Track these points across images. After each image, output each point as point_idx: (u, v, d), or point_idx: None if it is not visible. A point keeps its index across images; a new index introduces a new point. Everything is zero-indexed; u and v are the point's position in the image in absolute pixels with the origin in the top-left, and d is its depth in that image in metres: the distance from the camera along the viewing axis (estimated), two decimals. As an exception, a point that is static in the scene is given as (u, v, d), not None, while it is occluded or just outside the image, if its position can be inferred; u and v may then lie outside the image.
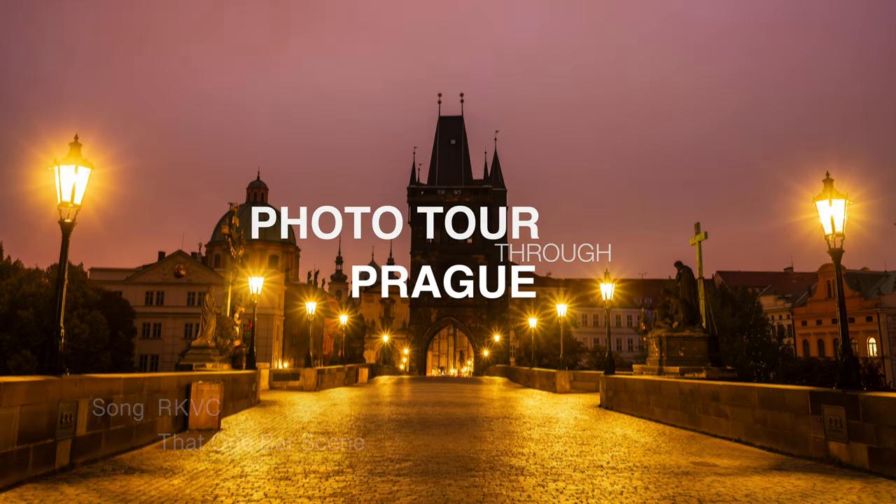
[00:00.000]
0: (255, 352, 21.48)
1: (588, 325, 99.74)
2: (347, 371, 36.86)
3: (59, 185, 8.86)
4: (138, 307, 65.32)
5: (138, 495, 7.08)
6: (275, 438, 11.90)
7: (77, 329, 51.10)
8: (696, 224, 20.12)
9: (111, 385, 9.59)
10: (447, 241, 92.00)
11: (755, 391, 11.67)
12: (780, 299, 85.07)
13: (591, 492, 7.63)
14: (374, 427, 14.19)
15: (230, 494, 7.23)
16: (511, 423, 15.39)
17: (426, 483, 8.02)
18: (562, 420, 16.25)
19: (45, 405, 7.81)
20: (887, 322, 66.13)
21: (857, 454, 8.92)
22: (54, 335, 8.54)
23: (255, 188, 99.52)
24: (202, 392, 12.56)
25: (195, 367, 18.50)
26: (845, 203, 10.09)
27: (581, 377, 28.81)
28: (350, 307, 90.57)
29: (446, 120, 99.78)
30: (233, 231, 23.08)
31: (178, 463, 9.09)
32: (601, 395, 20.62)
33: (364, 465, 9.20)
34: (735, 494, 7.54)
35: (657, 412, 15.84)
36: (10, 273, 55.28)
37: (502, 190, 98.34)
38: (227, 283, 23.10)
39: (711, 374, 17.31)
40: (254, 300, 22.37)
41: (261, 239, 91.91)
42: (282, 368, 45.64)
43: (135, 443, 10.18)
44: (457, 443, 11.71)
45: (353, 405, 20.47)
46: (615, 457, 10.26)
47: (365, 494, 7.35)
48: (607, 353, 22.42)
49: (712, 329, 19.59)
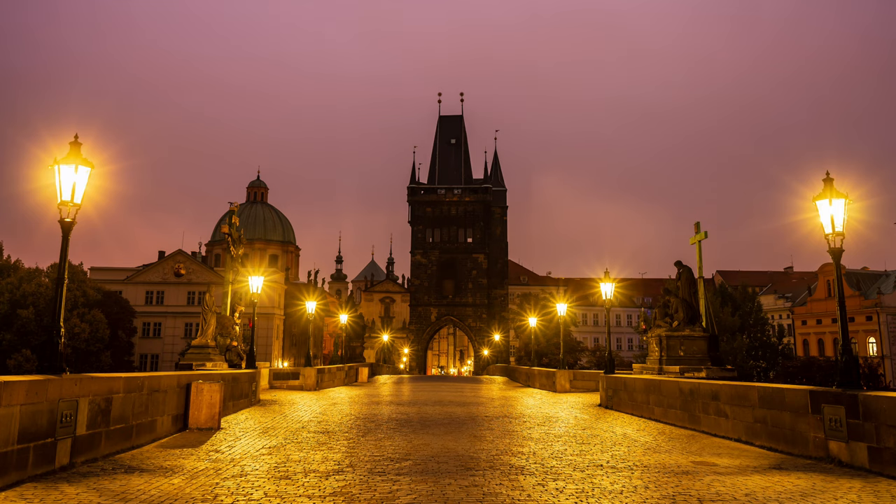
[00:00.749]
0: (255, 351, 21.48)
1: (588, 324, 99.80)
2: (347, 370, 36.85)
3: (59, 185, 8.85)
4: (138, 306, 65.32)
5: (138, 494, 7.08)
6: (275, 438, 11.90)
7: (77, 328, 51.12)
8: (696, 223, 20.15)
9: (111, 384, 9.59)
10: (447, 240, 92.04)
11: (755, 390, 11.66)
12: (780, 299, 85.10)
13: (591, 491, 7.63)
14: (374, 426, 14.19)
15: (230, 494, 7.23)
16: (511, 423, 15.39)
17: (426, 482, 8.02)
18: (562, 419, 16.25)
19: (46, 404, 7.81)
20: (887, 321, 66.12)
21: (856, 453, 8.92)
22: (54, 334, 8.53)
23: (255, 187, 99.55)
24: (202, 391, 12.56)
25: (195, 366, 18.51)
26: (845, 202, 10.08)
27: (581, 376, 28.80)
28: (350, 306, 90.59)
29: (446, 119, 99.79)
30: (233, 230, 23.08)
31: (178, 462, 9.09)
32: (601, 395, 20.62)
33: (364, 465, 9.20)
34: (735, 494, 7.54)
35: (657, 411, 15.84)
36: (10, 272, 55.29)
37: (502, 189, 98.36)
38: (227, 282, 23.11)
39: (711, 374, 17.32)
40: (254, 299, 22.37)
41: (261, 238, 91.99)
42: (282, 368, 45.64)
43: (135, 442, 10.18)
44: (457, 442, 11.70)
45: (353, 404, 20.47)
46: (615, 456, 10.27)
47: (365, 494, 7.35)
48: (607, 353, 22.42)
49: (712, 328, 19.60)
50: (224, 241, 30.07)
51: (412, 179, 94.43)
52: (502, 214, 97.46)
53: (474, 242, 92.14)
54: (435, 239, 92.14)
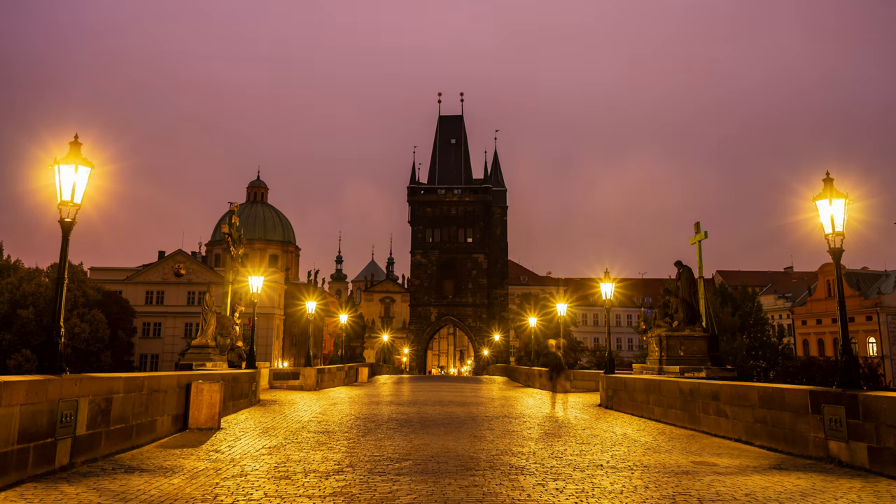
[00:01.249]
0: (255, 351, 21.48)
1: (588, 324, 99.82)
2: (347, 370, 36.84)
3: (59, 185, 8.85)
4: (138, 306, 65.33)
5: (138, 494, 7.07)
6: (275, 438, 11.90)
7: (77, 328, 51.14)
8: (696, 223, 20.15)
9: (111, 384, 9.59)
10: (447, 240, 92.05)
11: (755, 390, 11.66)
12: (780, 298, 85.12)
13: (591, 491, 7.62)
14: (374, 426, 14.19)
15: (230, 493, 7.23)
16: (511, 423, 15.39)
17: (426, 482, 8.01)
18: (562, 419, 16.25)
19: (46, 404, 7.80)
20: (887, 321, 66.13)
21: (856, 453, 8.92)
22: (54, 334, 8.53)
23: (255, 187, 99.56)
24: (202, 391, 12.56)
25: (195, 366, 18.52)
26: (845, 202, 10.07)
27: (581, 376, 28.80)
28: (350, 306, 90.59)
29: (446, 119, 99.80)
30: (233, 230, 23.08)
31: (178, 462, 9.09)
32: (601, 395, 20.62)
33: (364, 465, 9.19)
34: (735, 494, 7.54)
35: (657, 411, 15.84)
36: (10, 272, 55.32)
37: (502, 189, 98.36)
38: (227, 282, 23.11)
39: (711, 374, 17.31)
40: (254, 299, 22.37)
41: (261, 238, 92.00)
42: (282, 368, 45.65)
43: (135, 442, 10.17)
44: (457, 442, 11.70)
45: (353, 404, 20.47)
46: (615, 456, 10.26)
47: (365, 494, 7.34)
48: (607, 353, 22.41)
49: (712, 328, 19.60)
50: (224, 241, 30.08)
51: (412, 179, 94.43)
52: (502, 214, 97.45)
53: (474, 242, 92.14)
54: (435, 239, 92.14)
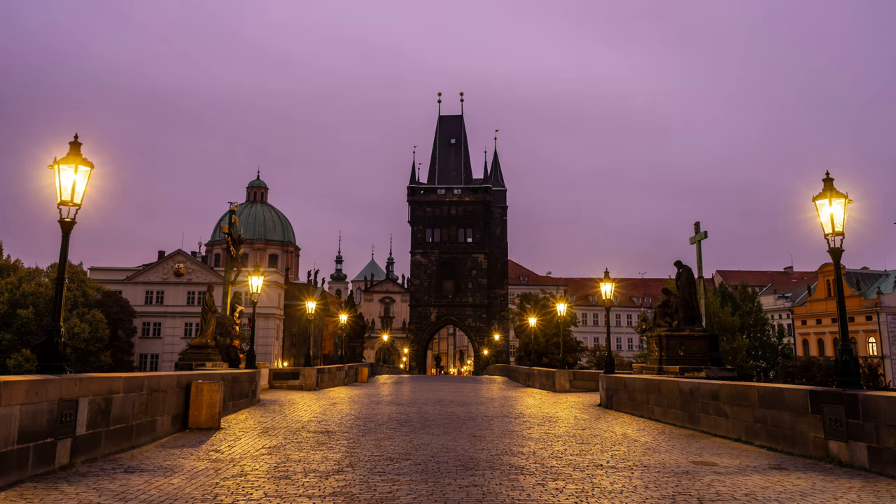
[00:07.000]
0: (255, 351, 21.48)
1: (588, 324, 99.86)
2: (347, 370, 36.83)
3: (59, 185, 8.86)
4: (138, 306, 65.34)
5: (138, 494, 7.07)
6: (275, 438, 11.90)
7: (77, 328, 51.17)
8: (696, 223, 20.17)
9: (111, 384, 9.59)
10: (447, 240, 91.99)
11: (755, 390, 11.67)
12: (780, 298, 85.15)
13: (591, 491, 7.62)
14: (374, 426, 14.19)
15: (230, 493, 7.23)
16: (511, 422, 15.39)
17: (426, 482, 8.01)
18: (561, 419, 16.25)
19: (45, 404, 7.80)
20: (887, 321, 66.13)
21: (856, 453, 8.92)
22: (54, 334, 8.54)
23: (255, 187, 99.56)
24: (202, 391, 12.56)
25: (195, 366, 18.52)
26: (845, 202, 10.09)
27: (581, 376, 28.79)
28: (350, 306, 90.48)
29: (446, 119, 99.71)
30: (232, 230, 23.10)
31: (178, 462, 9.09)
32: (601, 395, 20.62)
33: (364, 465, 9.19)
34: (735, 493, 7.54)
35: (657, 411, 15.84)
36: (9, 272, 55.34)
37: (502, 189, 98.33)
38: (226, 282, 23.12)
39: (711, 374, 17.31)
40: (254, 299, 22.37)
41: (261, 238, 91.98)
42: (282, 368, 45.64)
43: (135, 442, 10.17)
44: (456, 442, 11.70)
45: (353, 404, 20.47)
46: (615, 456, 10.26)
47: (365, 493, 7.34)
48: (607, 353, 22.42)
49: (712, 328, 19.63)
50: (224, 241, 30.09)
51: (412, 179, 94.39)
52: (502, 214, 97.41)
53: (474, 242, 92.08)
54: (435, 239, 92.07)
